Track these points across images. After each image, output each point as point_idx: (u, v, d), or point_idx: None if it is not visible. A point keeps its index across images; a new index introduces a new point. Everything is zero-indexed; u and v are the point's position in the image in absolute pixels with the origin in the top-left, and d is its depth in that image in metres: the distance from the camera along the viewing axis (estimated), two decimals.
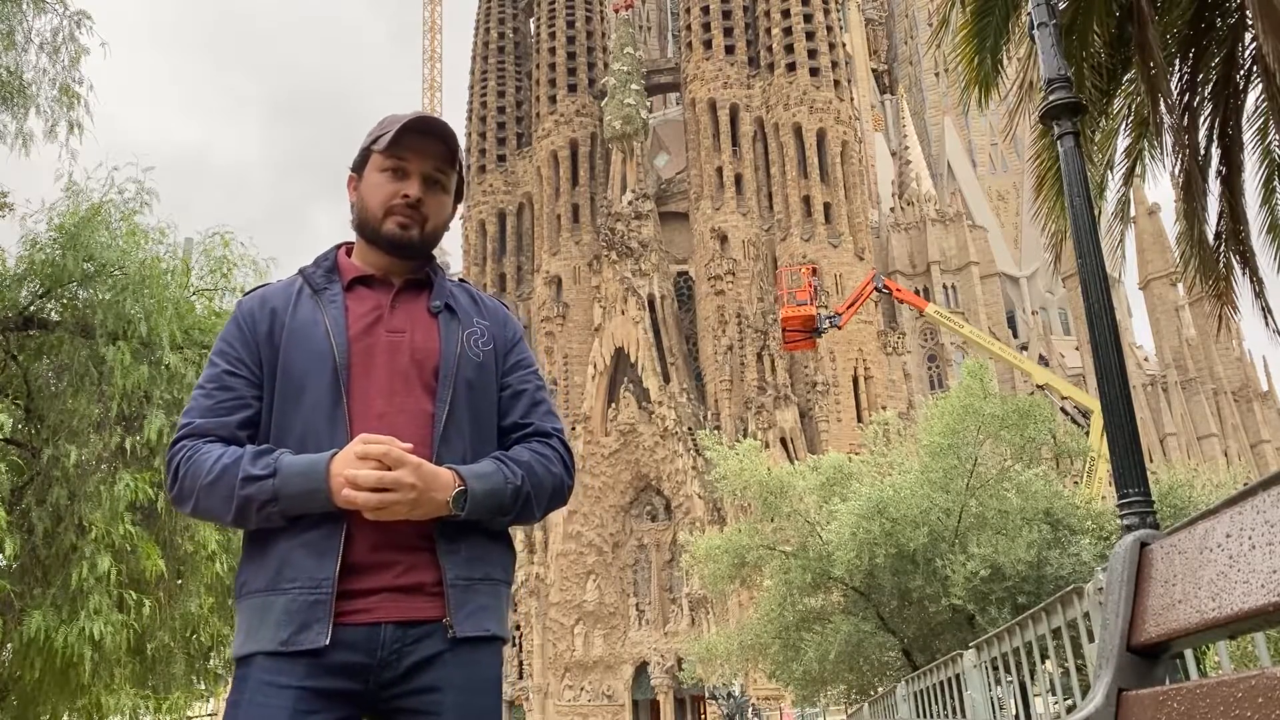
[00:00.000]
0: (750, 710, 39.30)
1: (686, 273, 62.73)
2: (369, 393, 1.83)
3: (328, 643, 1.68)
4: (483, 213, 71.29)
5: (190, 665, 9.54)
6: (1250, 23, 8.47)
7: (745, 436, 38.49)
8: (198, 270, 9.11)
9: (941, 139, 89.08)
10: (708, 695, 39.63)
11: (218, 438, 1.81)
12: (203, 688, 10.69)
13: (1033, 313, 78.19)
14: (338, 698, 1.69)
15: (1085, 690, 4.28)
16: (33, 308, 8.28)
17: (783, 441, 51.34)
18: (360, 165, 1.99)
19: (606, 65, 67.26)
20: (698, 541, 21.23)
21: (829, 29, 63.05)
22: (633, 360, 56.37)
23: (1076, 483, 23.60)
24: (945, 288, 70.01)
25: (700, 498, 50.08)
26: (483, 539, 1.83)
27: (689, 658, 27.13)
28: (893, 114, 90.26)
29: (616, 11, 70.48)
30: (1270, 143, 9.29)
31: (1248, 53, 9.11)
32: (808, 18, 62.26)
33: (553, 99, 68.22)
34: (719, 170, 61.06)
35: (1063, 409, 35.72)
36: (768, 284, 56.88)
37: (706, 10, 64.03)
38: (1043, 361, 63.31)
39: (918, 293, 59.70)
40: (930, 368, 66.17)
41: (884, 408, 45.00)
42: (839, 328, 44.38)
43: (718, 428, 49.12)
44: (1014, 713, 6.20)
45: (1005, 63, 9.66)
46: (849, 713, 20.28)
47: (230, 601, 9.17)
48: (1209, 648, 5.98)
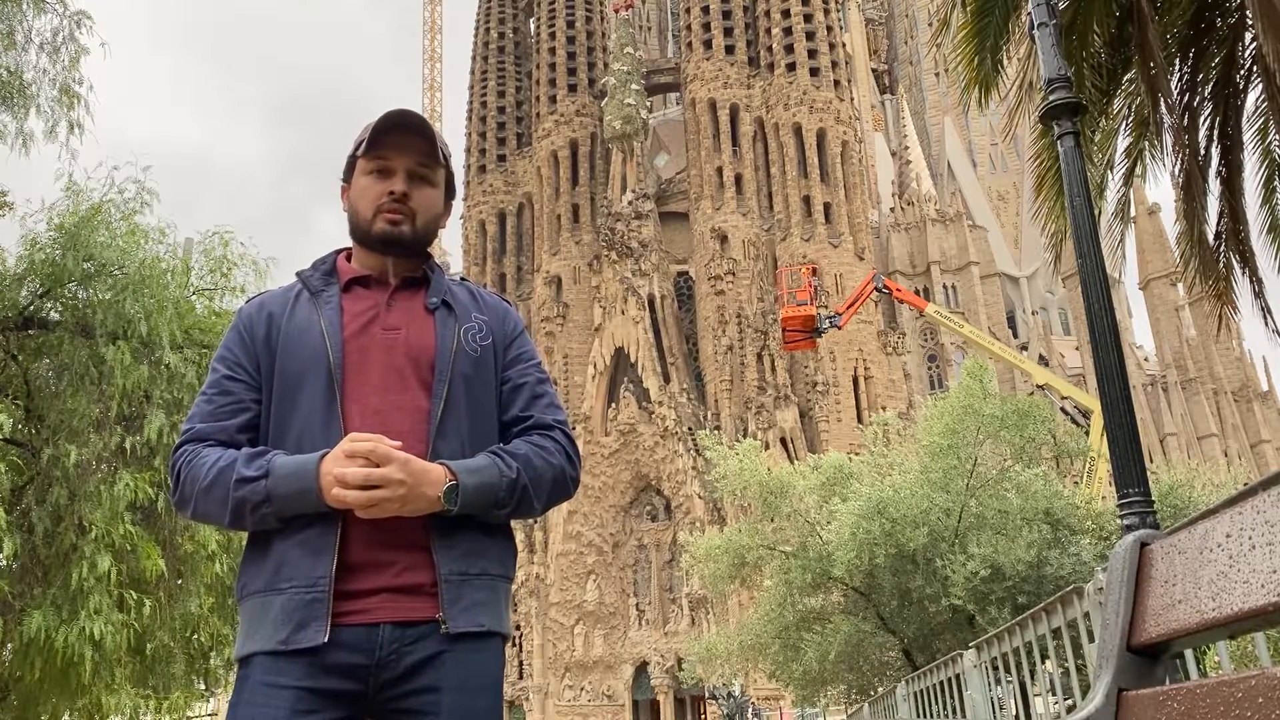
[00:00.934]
0: (750, 710, 39.31)
1: (686, 273, 62.73)
2: (364, 390, 1.83)
3: (325, 640, 1.68)
4: (483, 213, 71.30)
5: (190, 665, 9.55)
6: (1250, 23, 8.47)
7: (745, 436, 38.52)
8: (198, 270, 9.11)
9: (941, 139, 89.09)
10: (708, 695, 39.62)
11: (218, 442, 1.83)
12: (203, 688, 10.69)
13: (1033, 313, 78.21)
14: (336, 698, 1.69)
15: (1085, 690, 4.29)
16: (33, 308, 8.28)
17: (783, 441, 51.34)
18: (349, 174, 2.01)
19: (606, 65, 67.26)
20: (698, 541, 21.23)
21: (829, 29, 63.07)
22: (633, 360, 56.37)
23: (1076, 483, 23.60)
24: (945, 288, 70.03)
25: (700, 498, 50.07)
26: (480, 534, 1.82)
27: (689, 658, 27.16)
28: (893, 114, 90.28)
29: (616, 11, 70.48)
30: (1270, 143, 9.29)
31: (1248, 53, 9.11)
32: (808, 18, 62.26)
33: (553, 99, 68.22)
34: (719, 170, 61.06)
35: (1063, 409, 35.71)
36: (768, 284, 56.88)
37: (706, 10, 64.03)
38: (1043, 361, 63.30)
39: (918, 293, 59.72)
40: (930, 368, 66.18)
41: (884, 408, 45.04)
42: (839, 328, 44.36)
43: (718, 428, 49.12)
44: (1014, 713, 6.20)
45: (1005, 63, 9.66)
46: (849, 713, 20.27)
47: (230, 601, 9.17)
48: (1209, 648, 5.98)
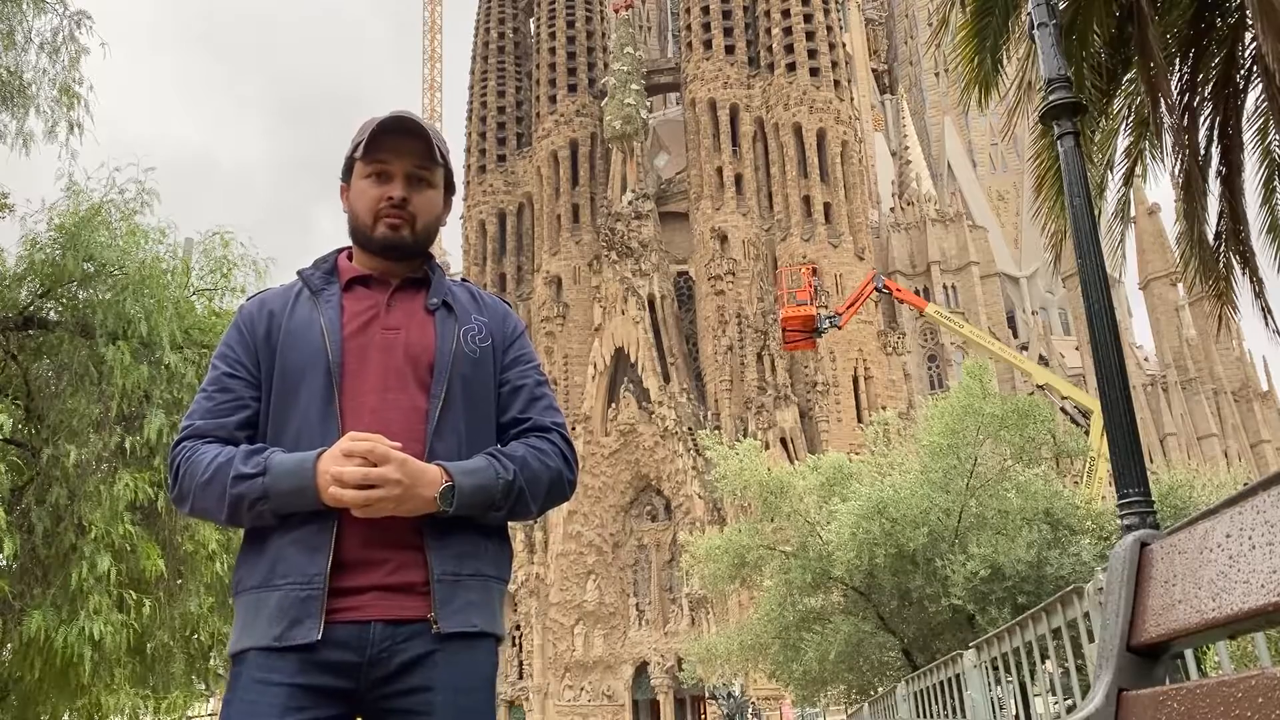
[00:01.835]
0: (750, 710, 39.31)
1: (686, 273, 62.74)
2: (362, 390, 1.84)
3: (319, 638, 1.69)
4: (483, 213, 71.30)
5: (190, 665, 9.54)
6: (1250, 23, 8.47)
7: (745, 436, 38.47)
8: (198, 270, 9.11)
9: (941, 139, 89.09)
10: (708, 695, 39.64)
11: (216, 439, 1.83)
12: (203, 687, 10.69)
13: (1033, 313, 78.22)
14: (329, 695, 1.70)
15: (1085, 690, 4.28)
16: (33, 308, 8.28)
17: (783, 441, 51.34)
18: (347, 174, 2.01)
19: (606, 65, 67.27)
20: (698, 541, 21.23)
21: (829, 29, 63.10)
22: (633, 360, 56.37)
23: (1076, 483, 23.60)
24: (945, 288, 70.04)
25: (700, 498, 50.08)
26: (475, 535, 1.83)
27: (689, 658, 27.13)
28: (893, 114, 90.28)
29: (616, 11, 70.49)
30: (1270, 143, 9.29)
31: (1248, 53, 9.11)
32: (808, 18, 62.28)
33: (553, 99, 68.24)
34: (719, 170, 61.07)
35: (1063, 409, 35.72)
36: (768, 284, 56.89)
37: (706, 10, 64.05)
38: (1043, 361, 63.29)
39: (918, 293, 59.69)
40: (930, 368, 66.19)
41: (884, 408, 44.98)
42: (839, 328, 44.36)
43: (718, 428, 49.10)
44: (1014, 713, 6.20)
45: (1005, 63, 9.66)
46: (849, 713, 20.28)
47: (230, 601, 9.16)
48: (1209, 648, 5.98)
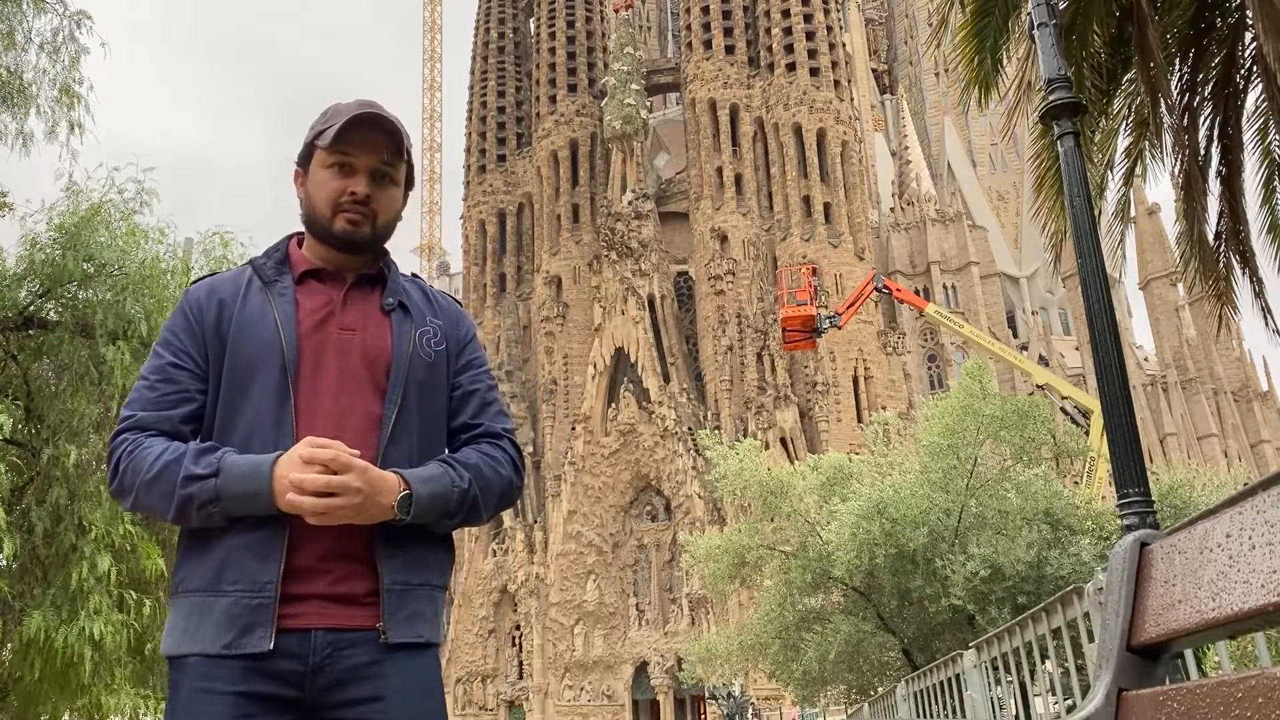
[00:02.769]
0: (750, 711, 39.31)
1: (686, 273, 62.73)
2: (317, 391, 1.79)
3: (271, 648, 1.66)
4: (483, 213, 71.29)
5: None
6: (1250, 23, 8.47)
7: (745, 436, 38.48)
8: (198, 270, 9.11)
9: (941, 139, 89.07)
10: (708, 695, 39.62)
11: (160, 432, 1.76)
12: None
13: (1033, 313, 78.20)
14: (275, 703, 1.67)
15: (1085, 690, 4.28)
16: (33, 308, 8.28)
17: (783, 441, 51.34)
18: (305, 159, 1.93)
19: (606, 65, 67.25)
20: (698, 541, 21.22)
21: (829, 29, 63.08)
22: (633, 360, 56.36)
23: (1076, 483, 23.59)
24: (945, 288, 70.02)
25: (700, 498, 50.08)
26: (424, 544, 1.80)
27: (689, 658, 27.12)
28: (893, 114, 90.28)
29: (616, 11, 70.48)
30: (1270, 143, 9.29)
31: (1248, 53, 9.10)
32: (808, 18, 62.27)
33: (553, 99, 68.22)
34: (719, 170, 61.06)
35: (1063, 409, 35.71)
36: (768, 284, 56.87)
37: (706, 10, 64.02)
38: (1043, 361, 63.28)
39: (918, 293, 59.68)
40: (930, 368, 66.18)
41: (884, 408, 45.04)
42: (839, 328, 44.34)
43: (718, 428, 49.08)
44: (1014, 713, 6.19)
45: (1005, 63, 9.65)
46: (849, 713, 20.27)
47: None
48: (1209, 648, 5.98)
